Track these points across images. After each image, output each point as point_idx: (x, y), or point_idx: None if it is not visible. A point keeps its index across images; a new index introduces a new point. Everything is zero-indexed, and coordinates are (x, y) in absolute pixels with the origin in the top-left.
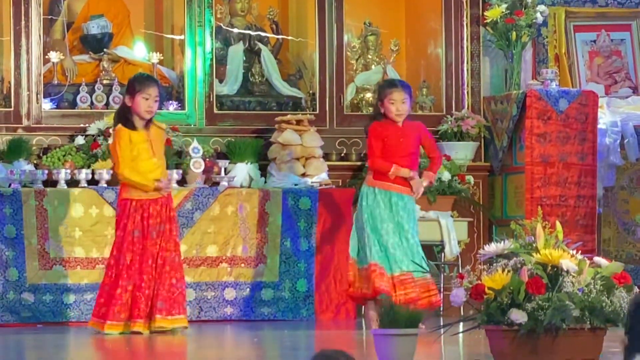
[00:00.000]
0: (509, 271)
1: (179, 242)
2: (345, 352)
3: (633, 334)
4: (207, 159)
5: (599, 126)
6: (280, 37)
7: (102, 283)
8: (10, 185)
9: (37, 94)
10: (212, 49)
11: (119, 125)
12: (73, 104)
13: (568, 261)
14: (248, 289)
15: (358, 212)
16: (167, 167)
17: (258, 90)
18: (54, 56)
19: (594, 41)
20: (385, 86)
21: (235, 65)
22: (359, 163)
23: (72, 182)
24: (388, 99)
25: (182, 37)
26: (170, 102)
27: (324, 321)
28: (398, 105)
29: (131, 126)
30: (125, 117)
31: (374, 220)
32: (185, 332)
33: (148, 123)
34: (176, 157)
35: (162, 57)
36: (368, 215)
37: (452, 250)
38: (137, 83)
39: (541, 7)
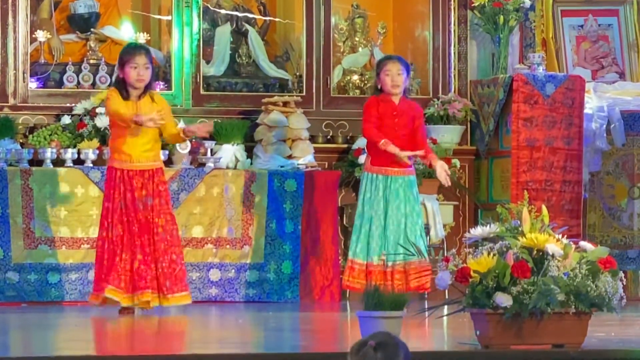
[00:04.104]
0: (494, 255)
1: (174, 215)
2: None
3: None
4: (194, 140)
5: (585, 111)
6: (267, 18)
7: (97, 257)
8: None
9: (23, 73)
10: (199, 30)
11: (112, 87)
12: (59, 84)
13: (554, 245)
14: (233, 271)
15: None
16: None
17: (245, 71)
18: (41, 35)
19: (581, 26)
20: (382, 60)
21: (222, 47)
22: (345, 145)
23: (58, 162)
24: (384, 71)
25: (169, 17)
26: (157, 82)
27: (308, 303)
28: (393, 76)
29: (125, 96)
30: (119, 88)
31: (366, 206)
32: (170, 313)
33: (143, 94)
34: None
35: (149, 38)
36: (362, 202)
37: (437, 233)
38: (124, 54)
39: None
